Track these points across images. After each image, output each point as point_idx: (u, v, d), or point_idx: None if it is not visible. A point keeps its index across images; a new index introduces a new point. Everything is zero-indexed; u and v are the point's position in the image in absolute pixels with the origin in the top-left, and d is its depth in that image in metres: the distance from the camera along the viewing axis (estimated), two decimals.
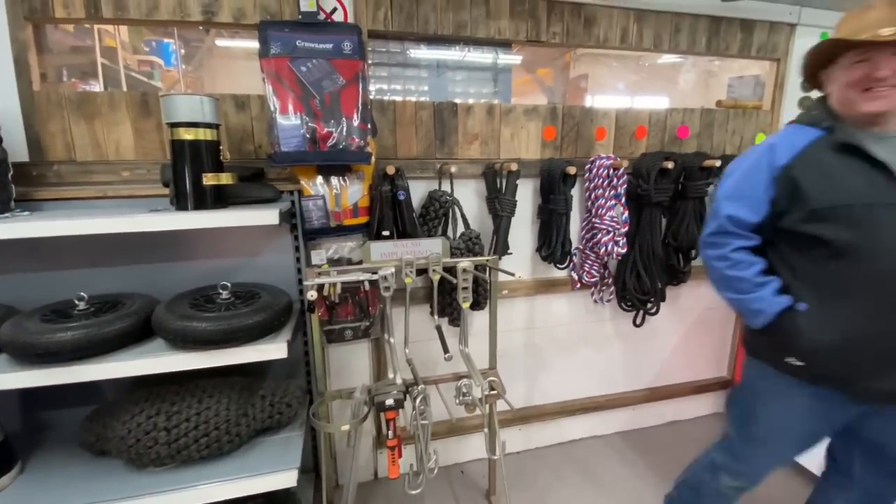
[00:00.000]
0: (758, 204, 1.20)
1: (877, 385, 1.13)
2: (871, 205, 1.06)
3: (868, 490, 1.37)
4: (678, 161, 1.93)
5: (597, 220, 1.94)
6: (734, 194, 1.23)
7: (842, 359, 1.13)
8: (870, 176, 1.07)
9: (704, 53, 2.06)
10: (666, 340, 2.39)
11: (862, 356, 1.11)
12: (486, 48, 2.27)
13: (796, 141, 1.17)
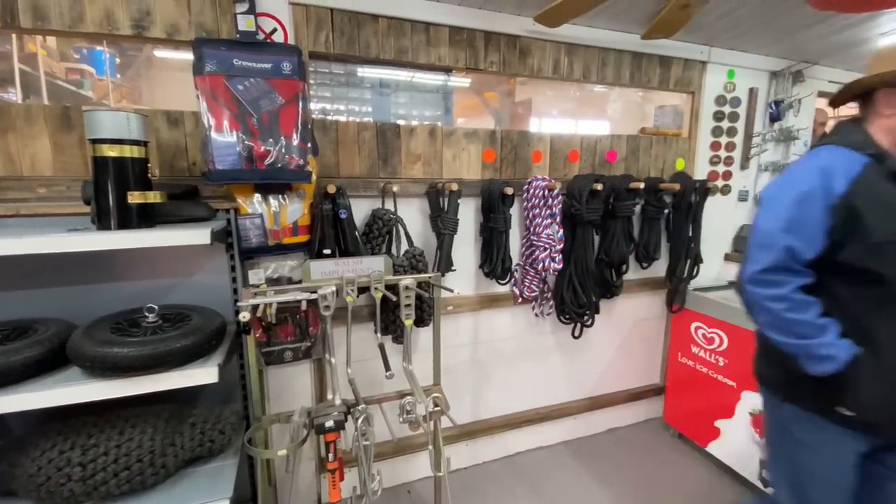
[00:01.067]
0: (815, 235, 1.06)
1: None
2: None
3: None
4: (607, 183, 2.08)
5: (535, 238, 2.04)
6: (791, 224, 1.07)
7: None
8: None
9: (629, 85, 2.25)
10: (603, 351, 2.52)
11: None
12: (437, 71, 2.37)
13: (850, 166, 1.05)
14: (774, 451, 1.33)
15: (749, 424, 2.08)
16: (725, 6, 1.94)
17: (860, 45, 2.44)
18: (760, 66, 2.53)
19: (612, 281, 2.27)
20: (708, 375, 2.28)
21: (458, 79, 3.20)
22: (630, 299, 2.48)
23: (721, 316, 2.20)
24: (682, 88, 2.38)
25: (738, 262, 2.68)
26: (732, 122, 2.52)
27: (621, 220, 2.18)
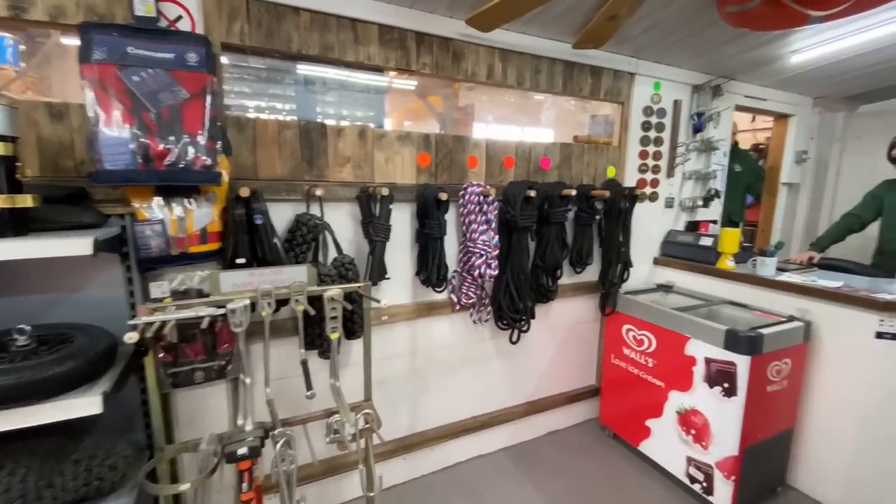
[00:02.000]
0: None
1: None
2: None
3: None
4: (540, 190, 2.09)
5: (471, 244, 2.01)
6: None
7: None
8: None
9: (562, 93, 2.29)
10: (541, 355, 2.54)
11: None
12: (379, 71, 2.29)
13: None
14: None
15: (676, 423, 2.16)
16: (649, 20, 2.01)
17: (773, 62, 2.64)
18: (684, 80, 2.67)
19: (547, 286, 2.29)
20: (638, 376, 2.35)
21: (401, 81, 3.13)
22: (565, 303, 2.52)
23: (649, 318, 2.27)
24: (612, 98, 2.45)
25: (667, 266, 2.82)
26: (659, 133, 2.64)
27: (555, 226, 2.20)
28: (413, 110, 4.75)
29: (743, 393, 1.88)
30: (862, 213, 2.76)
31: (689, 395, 2.09)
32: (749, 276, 2.36)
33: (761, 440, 1.99)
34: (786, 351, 1.98)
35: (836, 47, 2.39)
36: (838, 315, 2.00)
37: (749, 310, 2.26)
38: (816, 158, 3.72)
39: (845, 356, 1.99)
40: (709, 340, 1.99)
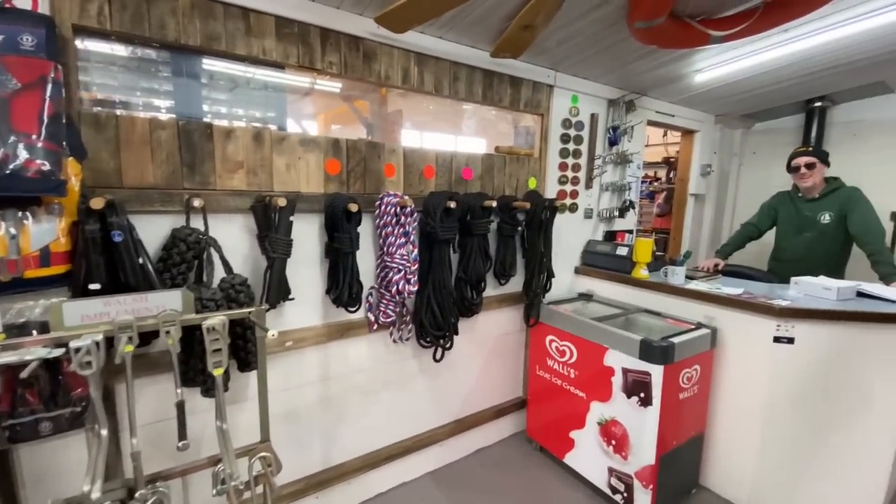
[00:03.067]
0: None
1: None
2: None
3: None
4: (461, 200, 2.01)
5: (388, 259, 1.87)
6: None
7: None
8: None
9: (481, 102, 2.24)
10: (467, 370, 2.45)
11: None
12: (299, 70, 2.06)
13: None
14: None
15: (597, 434, 2.16)
16: (564, 32, 2.01)
17: (679, 80, 2.79)
18: (599, 94, 2.74)
19: (472, 299, 2.21)
20: (562, 387, 2.34)
21: (325, 83, 2.93)
22: (490, 316, 2.46)
23: (571, 329, 2.27)
24: (532, 110, 2.45)
25: (587, 276, 2.88)
26: (578, 145, 2.68)
27: (478, 237, 2.13)
28: (341, 114, 4.53)
29: (658, 402, 1.91)
30: (759, 223, 2.99)
31: (608, 405, 2.10)
32: (661, 285, 2.44)
33: (675, 446, 2.04)
34: (695, 358, 2.05)
35: (734, 68, 2.57)
36: (740, 321, 2.11)
37: (662, 318, 2.33)
38: (719, 171, 4.04)
39: (747, 360, 2.10)
40: (625, 351, 2.01)
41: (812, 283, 2.20)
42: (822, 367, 1.97)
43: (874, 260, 2.46)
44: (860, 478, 2.02)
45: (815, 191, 2.72)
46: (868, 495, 2.02)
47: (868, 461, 2.00)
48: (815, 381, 1.98)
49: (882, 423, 1.97)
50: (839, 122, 3.62)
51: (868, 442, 1.99)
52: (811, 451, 2.03)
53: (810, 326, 1.96)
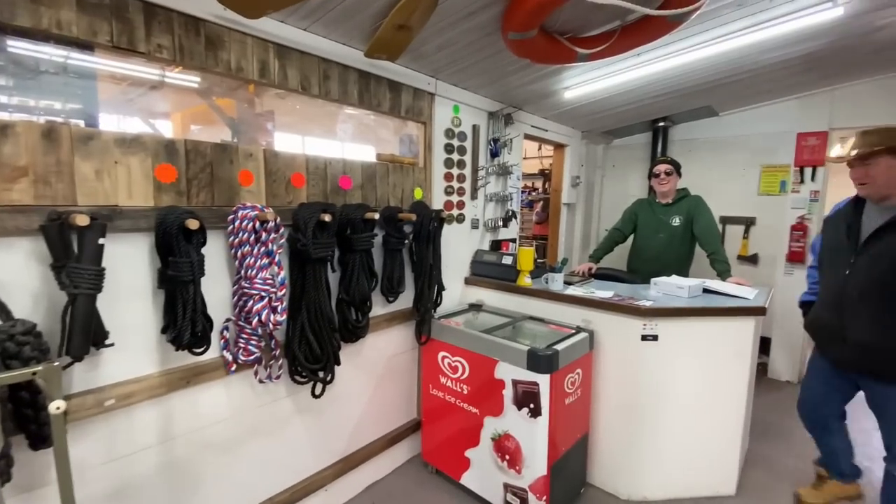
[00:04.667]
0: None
1: (832, 354, 2.00)
2: None
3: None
4: (338, 213, 1.80)
5: (247, 285, 1.57)
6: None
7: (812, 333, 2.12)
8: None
9: (358, 105, 2.05)
10: (356, 400, 2.22)
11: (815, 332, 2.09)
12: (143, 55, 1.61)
13: (838, 206, 2.05)
14: None
15: (492, 450, 2.11)
16: (441, 38, 1.94)
17: (551, 95, 2.94)
18: (480, 106, 2.75)
19: (356, 322, 2.00)
20: (455, 405, 2.25)
21: (177, 75, 2.44)
22: (380, 336, 2.27)
23: (462, 343, 2.19)
24: (413, 117, 2.33)
25: (476, 286, 2.86)
26: (461, 155, 2.65)
27: (360, 253, 1.93)
28: (201, 114, 3.93)
29: (546, 411, 1.91)
30: (623, 228, 3.29)
31: (501, 419, 2.06)
32: (544, 292, 2.51)
33: (564, 452, 2.07)
34: (577, 362, 2.11)
35: (596, 87, 2.78)
36: (613, 322, 2.23)
37: (546, 324, 2.38)
38: (586, 182, 4.41)
39: (621, 359, 2.23)
40: (514, 362, 1.98)
41: (668, 282, 2.44)
42: (682, 359, 2.17)
43: (713, 259, 2.85)
44: (719, 452, 2.28)
45: (669, 196, 3.08)
46: (724, 465, 2.29)
47: (723, 436, 2.26)
48: (676, 372, 2.18)
49: (731, 402, 2.25)
50: (678, 140, 4.21)
51: (722, 420, 2.25)
52: (678, 436, 2.22)
53: (670, 323, 2.15)
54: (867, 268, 1.80)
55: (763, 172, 3.85)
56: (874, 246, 1.80)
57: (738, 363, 2.22)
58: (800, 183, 3.67)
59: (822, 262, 2.08)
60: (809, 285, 2.25)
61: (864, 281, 1.81)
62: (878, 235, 1.79)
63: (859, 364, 1.89)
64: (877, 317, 1.78)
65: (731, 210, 3.93)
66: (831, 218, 2.07)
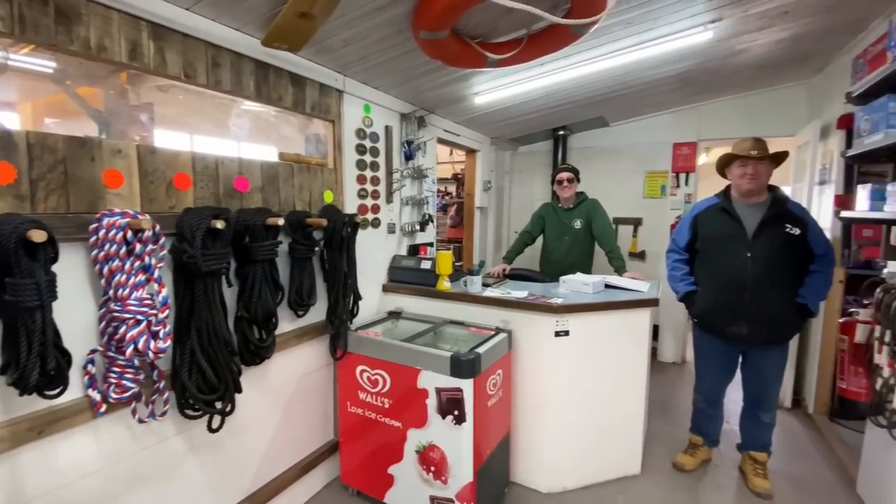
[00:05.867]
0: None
1: (729, 332, 2.24)
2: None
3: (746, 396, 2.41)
4: (233, 219, 1.59)
5: (118, 307, 1.30)
6: (678, 230, 2.48)
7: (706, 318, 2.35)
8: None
9: (255, 99, 1.85)
10: (263, 429, 1.99)
11: (713, 315, 2.29)
12: None
13: (706, 203, 2.40)
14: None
15: (416, 463, 2.03)
16: (349, 32, 1.82)
17: (462, 100, 2.95)
18: (392, 107, 2.67)
19: (259, 341, 1.78)
20: (377, 421, 2.13)
21: (26, 57, 1.96)
22: (289, 356, 2.07)
23: (382, 355, 2.08)
24: (320, 115, 2.18)
25: (395, 292, 2.76)
26: (375, 157, 2.54)
27: (262, 264, 1.73)
28: (58, 104, 3.29)
29: (471, 416, 1.89)
30: (532, 230, 3.45)
31: (425, 430, 1.99)
32: (463, 295, 2.50)
33: (489, 455, 2.07)
34: (498, 363, 2.12)
35: (504, 94, 2.86)
36: (529, 321, 2.30)
37: (466, 327, 2.38)
38: (496, 187, 4.56)
39: (537, 356, 2.30)
40: (437, 370, 1.93)
41: (575, 280, 2.59)
42: (590, 351, 2.31)
43: (610, 256, 3.09)
44: (625, 435, 2.45)
45: (570, 201, 3.29)
46: (630, 446, 2.47)
47: (628, 420, 2.44)
48: (586, 363, 2.30)
49: (633, 387, 2.43)
50: (576, 148, 4.54)
51: (626, 404, 2.43)
52: (590, 425, 2.35)
53: (579, 318, 2.27)
54: (765, 249, 2.13)
55: (647, 178, 4.30)
56: (765, 232, 2.14)
57: (638, 351, 2.42)
58: (676, 187, 4.17)
59: (710, 251, 2.31)
60: (681, 276, 2.41)
61: (764, 261, 2.12)
62: (766, 224, 2.14)
63: (759, 335, 2.19)
64: (777, 290, 2.13)
65: (622, 212, 4.33)
66: (704, 213, 2.34)
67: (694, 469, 2.53)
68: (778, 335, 2.22)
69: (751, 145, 2.17)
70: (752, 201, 2.22)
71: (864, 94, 1.98)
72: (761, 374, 2.29)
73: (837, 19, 2.39)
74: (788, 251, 2.13)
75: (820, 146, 3.15)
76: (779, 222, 2.15)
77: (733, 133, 3.65)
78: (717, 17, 2.17)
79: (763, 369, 2.28)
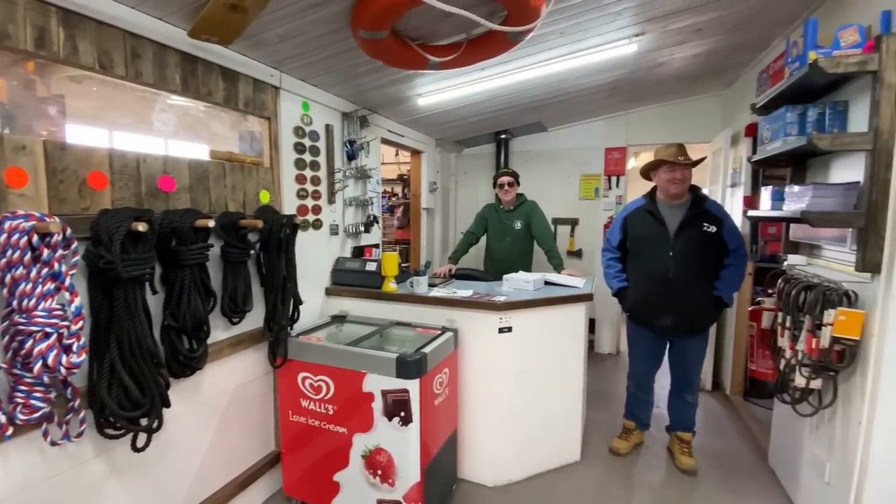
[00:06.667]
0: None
1: (658, 324, 2.44)
2: None
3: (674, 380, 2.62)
4: (157, 221, 1.48)
5: (23, 319, 1.17)
6: (612, 230, 2.63)
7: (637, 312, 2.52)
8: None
9: (181, 93, 1.74)
10: (196, 445, 1.87)
11: (643, 310, 2.48)
12: None
13: (634, 205, 2.56)
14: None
15: (363, 469, 2.00)
16: (285, 26, 1.76)
17: (406, 101, 2.95)
18: (332, 105, 2.61)
19: (189, 352, 1.68)
20: (321, 428, 2.07)
21: None
22: (223, 365, 1.96)
23: (325, 360, 2.03)
24: (255, 111, 2.09)
25: (339, 296, 2.70)
26: (315, 157, 2.47)
27: (191, 268, 1.63)
28: None
29: (417, 417, 1.89)
30: (476, 231, 3.53)
31: (371, 434, 1.96)
32: (409, 296, 2.50)
33: (436, 454, 2.08)
34: (444, 362, 2.14)
35: (447, 97, 2.90)
36: (474, 319, 2.34)
37: (413, 328, 2.38)
38: (442, 188, 4.60)
39: (482, 353, 2.35)
40: (383, 372, 1.91)
41: (517, 278, 2.67)
42: (532, 346, 2.39)
43: (549, 255, 3.23)
44: (565, 425, 2.56)
45: (511, 203, 3.40)
46: (570, 435, 2.58)
47: (568, 410, 2.56)
48: (528, 358, 2.39)
49: (572, 379, 2.55)
50: (517, 151, 4.68)
51: (566, 395, 2.54)
52: (533, 417, 2.44)
53: (521, 314, 2.35)
54: (685, 248, 2.34)
55: (582, 180, 4.54)
56: (684, 231, 2.35)
57: (576, 343, 2.54)
58: (609, 189, 4.44)
59: (638, 250, 2.49)
60: (614, 273, 2.59)
61: (684, 258, 2.33)
62: (686, 224, 2.36)
63: (682, 326, 2.41)
64: (696, 285, 2.35)
65: (560, 212, 4.53)
66: (632, 214, 2.52)
67: (628, 452, 2.70)
68: (698, 325, 2.45)
69: (677, 151, 2.37)
70: (675, 202, 2.43)
71: (766, 105, 2.21)
72: (685, 360, 2.51)
73: (744, 38, 2.66)
74: (705, 248, 2.35)
75: (731, 152, 3.48)
76: (697, 222, 2.36)
77: (658, 139, 3.95)
78: (640, 31, 2.34)
79: (687, 356, 2.50)
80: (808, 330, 1.84)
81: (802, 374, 1.87)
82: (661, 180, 2.43)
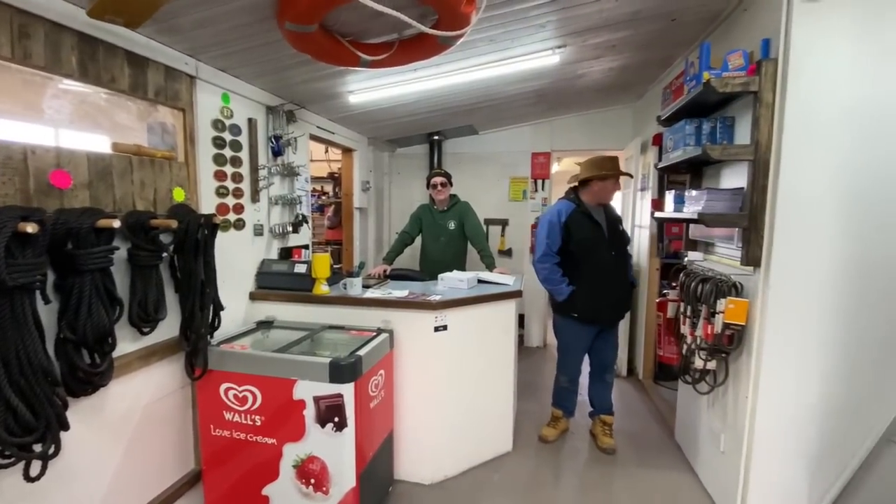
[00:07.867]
0: (556, 239, 2.62)
1: (603, 318, 2.68)
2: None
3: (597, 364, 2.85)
4: (50, 221, 1.31)
5: None
6: (548, 236, 2.64)
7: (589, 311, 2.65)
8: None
9: (79, 78, 1.54)
10: (101, 470, 1.67)
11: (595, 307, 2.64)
12: None
13: (567, 209, 2.64)
14: (557, 338, 2.86)
15: (294, 479, 1.92)
16: (202, 13, 1.64)
17: (336, 97, 2.87)
18: (256, 98, 2.47)
19: (91, 367, 1.50)
20: (247, 441, 1.96)
21: None
22: (132, 380, 1.77)
23: (251, 369, 1.92)
24: (167, 101, 1.91)
25: (265, 300, 2.55)
26: (236, 152, 2.32)
27: (92, 274, 1.45)
28: None
29: (352, 421, 1.86)
30: (411, 231, 3.54)
31: (302, 443, 1.89)
32: (342, 298, 2.45)
33: (372, 457, 2.06)
34: (379, 364, 2.12)
35: (379, 95, 2.86)
36: (410, 319, 2.35)
37: (346, 331, 2.33)
38: (375, 187, 4.54)
39: (418, 352, 2.36)
40: (315, 378, 1.85)
41: (451, 277, 2.72)
42: (467, 342, 2.45)
43: (481, 254, 3.33)
44: (497, 417, 2.66)
45: (444, 204, 3.45)
46: (502, 427, 2.69)
47: (500, 403, 2.65)
48: (463, 354, 2.45)
49: (503, 372, 2.66)
50: (450, 153, 4.76)
51: (498, 389, 2.64)
52: (467, 412, 2.50)
53: (456, 312, 2.40)
54: (617, 246, 2.68)
55: (511, 183, 4.73)
56: (614, 232, 2.69)
57: (506, 338, 2.65)
58: (535, 191, 4.67)
59: (585, 252, 2.60)
60: (559, 279, 2.61)
61: (618, 255, 2.68)
62: (610, 224, 2.68)
63: (617, 316, 2.78)
64: (624, 276, 2.74)
65: (491, 213, 4.69)
66: (572, 217, 2.62)
67: (556, 439, 2.86)
68: (625, 311, 2.89)
69: (617, 164, 2.66)
70: (598, 207, 2.71)
71: (669, 118, 2.46)
72: (609, 344, 2.83)
73: (651, 55, 2.94)
74: (622, 243, 2.73)
75: (641, 159, 3.83)
76: (615, 223, 2.73)
77: (579, 146, 4.24)
78: (562, 43, 2.49)
79: (611, 341, 2.84)
80: (704, 318, 2.08)
81: (700, 357, 2.11)
82: (600, 188, 2.62)
